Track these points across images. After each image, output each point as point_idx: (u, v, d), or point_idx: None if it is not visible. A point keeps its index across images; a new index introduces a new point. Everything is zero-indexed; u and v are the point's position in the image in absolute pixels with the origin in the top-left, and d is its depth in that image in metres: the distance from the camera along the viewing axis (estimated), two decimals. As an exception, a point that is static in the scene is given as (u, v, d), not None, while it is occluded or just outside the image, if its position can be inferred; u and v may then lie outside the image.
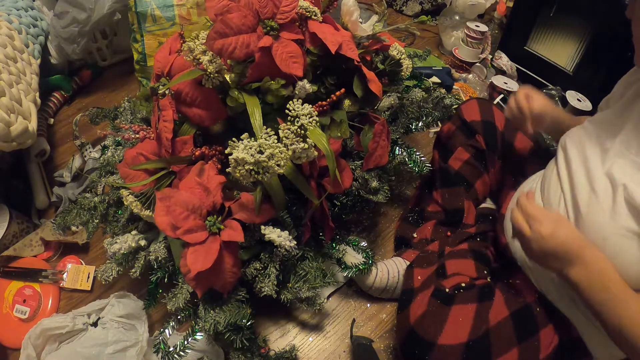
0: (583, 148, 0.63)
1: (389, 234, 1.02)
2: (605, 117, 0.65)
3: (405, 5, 1.72)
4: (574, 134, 0.67)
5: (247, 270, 0.69)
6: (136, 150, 0.74)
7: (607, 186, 0.56)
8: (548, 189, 0.67)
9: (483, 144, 0.85)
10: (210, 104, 0.69)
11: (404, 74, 0.86)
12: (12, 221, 0.95)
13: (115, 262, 0.75)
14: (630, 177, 0.54)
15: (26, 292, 0.90)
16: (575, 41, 1.21)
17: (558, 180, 0.65)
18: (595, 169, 0.59)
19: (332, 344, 0.86)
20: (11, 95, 0.90)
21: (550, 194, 0.66)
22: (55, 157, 1.18)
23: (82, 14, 1.18)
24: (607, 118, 0.64)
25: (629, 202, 0.53)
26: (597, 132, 0.63)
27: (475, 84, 1.37)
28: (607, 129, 0.62)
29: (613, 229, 0.54)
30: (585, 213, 0.58)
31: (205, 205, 0.62)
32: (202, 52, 0.65)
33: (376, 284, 0.86)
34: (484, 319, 0.62)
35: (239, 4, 0.65)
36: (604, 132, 0.62)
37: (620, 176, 0.55)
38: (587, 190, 0.59)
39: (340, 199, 0.82)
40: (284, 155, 0.57)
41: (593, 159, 0.60)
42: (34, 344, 0.80)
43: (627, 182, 0.54)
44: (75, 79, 1.34)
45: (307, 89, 0.70)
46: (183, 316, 0.72)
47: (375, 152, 0.78)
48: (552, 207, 0.64)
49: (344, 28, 0.80)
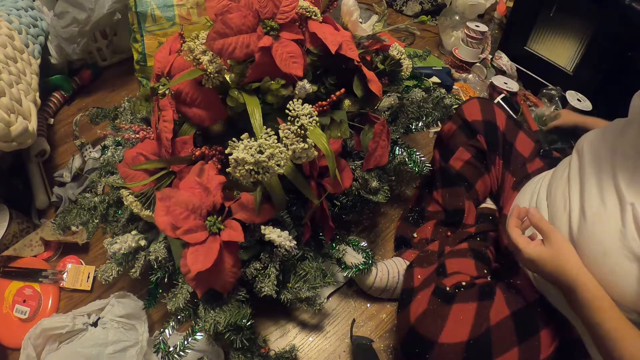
0: (599, 157, 0.61)
1: (389, 234, 1.02)
2: (626, 128, 0.61)
3: (405, 5, 1.72)
4: (592, 140, 0.65)
5: (247, 270, 0.69)
6: (136, 150, 0.74)
7: (616, 201, 0.55)
8: (555, 192, 0.66)
9: (484, 144, 0.85)
10: (210, 104, 0.69)
11: (404, 74, 0.86)
12: (12, 221, 0.95)
13: (115, 262, 0.75)
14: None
15: (26, 292, 0.90)
16: (575, 41, 1.21)
17: (567, 184, 0.64)
18: (607, 182, 0.57)
19: (332, 344, 0.86)
20: (11, 95, 0.90)
21: (558, 196, 0.65)
22: (55, 157, 1.18)
23: (82, 14, 1.18)
24: (629, 130, 0.61)
25: (637, 223, 0.51)
26: (614, 141, 0.61)
27: (475, 84, 1.37)
28: (626, 141, 0.59)
29: (616, 247, 0.53)
30: (591, 222, 0.56)
31: (205, 205, 0.62)
32: (202, 52, 0.65)
33: (376, 284, 0.86)
34: (485, 318, 0.62)
35: (239, 4, 0.65)
36: (621, 143, 0.59)
37: (629, 195, 0.53)
38: (598, 201, 0.57)
39: (340, 199, 0.82)
40: (284, 155, 0.57)
41: (606, 170, 0.58)
42: (34, 344, 0.80)
43: (636, 202, 0.52)
44: (75, 79, 1.34)
45: (307, 89, 0.70)
46: (183, 316, 0.72)
47: (375, 152, 0.78)
48: (557, 210, 0.63)
49: (344, 28, 0.79)
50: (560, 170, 0.69)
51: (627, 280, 0.52)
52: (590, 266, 0.56)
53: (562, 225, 0.62)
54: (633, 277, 0.52)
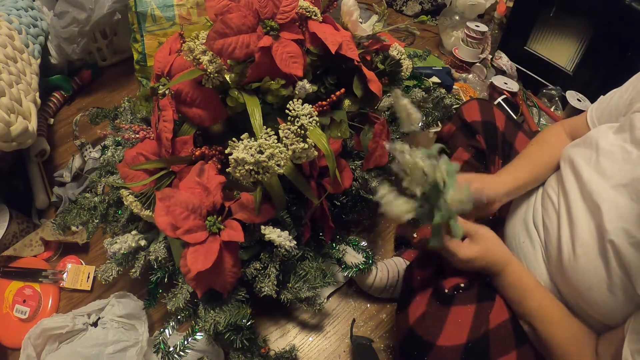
0: (580, 178, 0.59)
1: (389, 234, 1.02)
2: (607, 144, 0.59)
3: (405, 5, 1.72)
4: (572, 157, 0.63)
5: (247, 270, 0.69)
6: (136, 150, 0.74)
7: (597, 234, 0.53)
8: (547, 203, 0.65)
9: (484, 144, 0.85)
10: (210, 104, 0.69)
11: (404, 74, 0.86)
12: (12, 221, 0.95)
13: (115, 262, 0.75)
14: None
15: (26, 292, 0.90)
16: (575, 41, 1.21)
17: (552, 205, 0.63)
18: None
19: (332, 344, 0.86)
20: (11, 95, 0.90)
21: (549, 208, 0.64)
22: (55, 157, 1.18)
23: (82, 14, 1.18)
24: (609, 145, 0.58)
25: (619, 259, 0.50)
26: (597, 160, 0.59)
27: (475, 84, 1.37)
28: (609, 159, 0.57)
29: (601, 283, 0.52)
30: (579, 256, 0.55)
31: (205, 205, 0.62)
32: (202, 52, 0.65)
33: (376, 284, 0.86)
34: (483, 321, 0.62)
35: (239, 4, 0.65)
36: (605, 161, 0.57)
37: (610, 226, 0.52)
38: (585, 234, 0.55)
39: (340, 199, 0.82)
40: (284, 155, 0.57)
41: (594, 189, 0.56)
42: (34, 344, 0.80)
43: (615, 239, 0.51)
44: (75, 79, 1.34)
45: (307, 89, 0.70)
46: (183, 316, 0.72)
47: (375, 152, 0.78)
48: (551, 223, 0.63)
49: (344, 28, 0.79)
50: (552, 180, 0.69)
51: (609, 310, 0.52)
52: (572, 293, 0.57)
53: (553, 239, 0.61)
54: (615, 310, 0.52)
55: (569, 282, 0.56)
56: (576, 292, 0.56)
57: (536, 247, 0.65)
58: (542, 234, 0.64)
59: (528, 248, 0.66)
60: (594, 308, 0.54)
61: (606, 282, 0.52)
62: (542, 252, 0.64)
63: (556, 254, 0.60)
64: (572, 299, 0.58)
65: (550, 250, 0.61)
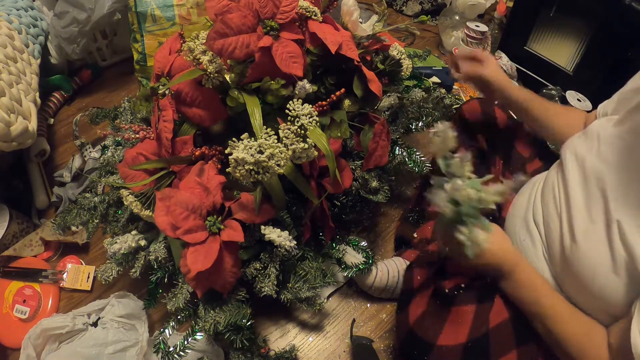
0: (583, 166, 0.60)
1: (389, 234, 1.02)
2: (608, 135, 0.59)
3: (405, 5, 1.72)
4: (574, 147, 0.63)
5: (247, 270, 0.69)
6: (136, 150, 0.74)
7: (603, 218, 0.54)
8: (548, 200, 0.65)
9: (484, 144, 0.85)
10: (210, 104, 0.69)
11: (404, 74, 0.86)
12: (12, 221, 0.95)
13: (115, 262, 0.75)
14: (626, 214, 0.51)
15: (26, 292, 0.90)
16: (575, 41, 1.21)
17: (557, 193, 0.63)
18: (595, 197, 0.56)
19: (332, 344, 0.86)
20: (11, 95, 0.90)
21: (550, 205, 0.64)
22: (55, 157, 1.18)
23: (82, 14, 1.18)
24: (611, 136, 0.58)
25: (624, 242, 0.51)
26: (598, 148, 0.59)
27: (475, 84, 1.37)
28: (611, 146, 0.57)
29: (606, 268, 0.52)
30: (581, 244, 0.55)
31: (205, 205, 0.62)
32: (202, 52, 0.65)
33: (376, 284, 0.86)
34: (484, 321, 0.62)
35: (239, 4, 0.65)
36: (606, 150, 0.58)
37: (615, 212, 0.52)
38: (586, 220, 0.56)
39: (340, 199, 0.82)
40: (284, 155, 0.57)
41: (593, 184, 0.57)
42: (34, 344, 0.80)
43: (621, 219, 0.51)
44: (75, 79, 1.35)
45: (307, 89, 0.70)
46: (183, 316, 0.72)
47: (375, 152, 0.78)
48: (551, 223, 0.63)
49: (344, 28, 0.79)
50: (552, 174, 0.69)
51: (614, 297, 0.52)
52: (577, 286, 0.56)
53: (555, 234, 0.61)
54: (621, 295, 0.52)
55: (573, 273, 0.56)
56: (580, 284, 0.55)
57: (537, 244, 0.65)
58: (543, 231, 0.64)
59: (529, 246, 0.66)
60: (600, 295, 0.53)
61: (610, 264, 0.52)
62: (543, 249, 0.63)
63: (559, 248, 0.59)
64: (576, 294, 0.57)
65: (552, 245, 0.61)
